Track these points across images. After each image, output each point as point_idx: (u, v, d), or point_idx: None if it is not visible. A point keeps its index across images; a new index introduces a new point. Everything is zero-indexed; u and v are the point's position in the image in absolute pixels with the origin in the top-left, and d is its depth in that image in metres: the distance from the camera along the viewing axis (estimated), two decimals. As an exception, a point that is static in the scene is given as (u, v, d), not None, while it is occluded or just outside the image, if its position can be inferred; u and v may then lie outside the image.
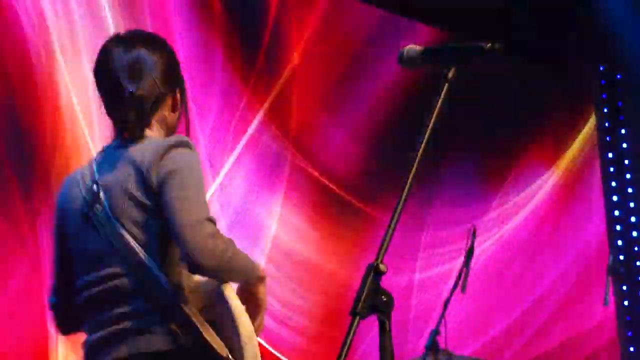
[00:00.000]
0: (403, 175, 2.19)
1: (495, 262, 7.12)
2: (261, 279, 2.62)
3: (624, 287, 7.44)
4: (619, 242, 7.37)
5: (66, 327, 2.78)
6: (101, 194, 2.56)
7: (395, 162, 5.61)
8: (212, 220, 2.49)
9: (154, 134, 2.69)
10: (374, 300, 2.22)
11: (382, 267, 2.19)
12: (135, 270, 2.51)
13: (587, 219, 7.29)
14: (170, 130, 2.74)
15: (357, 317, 2.20)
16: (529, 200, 7.27)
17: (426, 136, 2.20)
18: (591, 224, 7.27)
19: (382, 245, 2.21)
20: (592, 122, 7.51)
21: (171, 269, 2.55)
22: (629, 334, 7.38)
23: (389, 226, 2.20)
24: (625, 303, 7.44)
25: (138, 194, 2.53)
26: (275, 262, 6.50)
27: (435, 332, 4.26)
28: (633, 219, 7.33)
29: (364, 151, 6.66)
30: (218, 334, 2.54)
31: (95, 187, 2.58)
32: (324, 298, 6.36)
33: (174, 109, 2.73)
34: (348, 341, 2.18)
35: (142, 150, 2.59)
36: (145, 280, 2.51)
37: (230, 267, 2.50)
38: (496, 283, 7.08)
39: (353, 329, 2.19)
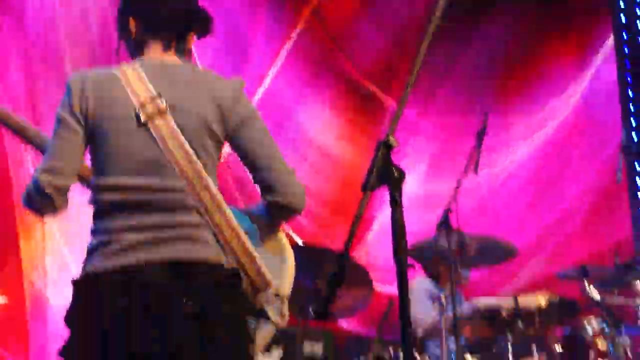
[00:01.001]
0: (431, 75, 2.25)
1: (525, 172, 7.25)
2: None
3: (638, 166, 7.58)
4: (633, 122, 7.34)
5: (51, 208, 2.75)
6: (168, 110, 2.70)
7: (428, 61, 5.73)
8: None
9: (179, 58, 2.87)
10: (385, 175, 2.32)
11: (392, 140, 2.30)
12: (198, 188, 2.69)
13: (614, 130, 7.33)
14: None
15: (368, 191, 2.31)
16: (556, 113, 7.33)
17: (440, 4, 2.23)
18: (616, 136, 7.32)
19: (392, 120, 2.34)
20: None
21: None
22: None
23: (400, 101, 2.33)
24: (639, 181, 7.60)
25: (215, 127, 2.74)
26: (314, 163, 6.70)
27: (448, 211, 4.27)
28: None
29: (399, 50, 6.76)
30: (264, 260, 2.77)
31: (161, 100, 2.70)
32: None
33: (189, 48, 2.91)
34: (359, 214, 2.31)
35: (216, 81, 2.79)
36: (204, 199, 2.69)
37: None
38: (519, 199, 7.22)
39: (364, 202, 2.31)
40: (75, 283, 2.65)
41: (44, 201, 2.69)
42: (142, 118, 2.68)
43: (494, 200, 7.14)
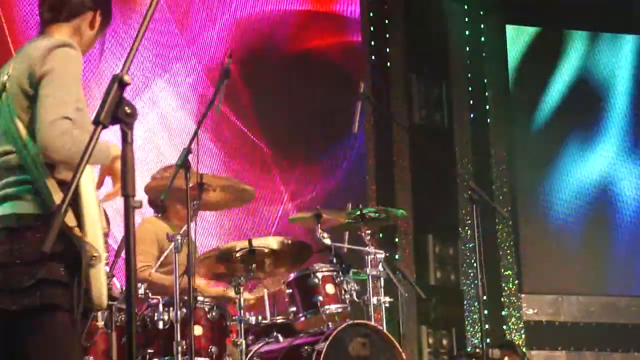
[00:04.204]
0: None
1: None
2: (117, 157, 2.94)
3: (376, 115, 8.00)
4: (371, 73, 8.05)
5: None
6: (7, 85, 2.99)
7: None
8: (68, 118, 2.86)
9: (61, 36, 3.05)
10: (117, 111, 2.28)
11: (126, 78, 2.26)
12: (20, 150, 2.92)
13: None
14: (84, 46, 3.13)
15: (100, 126, 2.27)
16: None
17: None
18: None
19: (128, 56, 2.28)
20: None
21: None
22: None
23: (136, 37, 2.27)
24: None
25: (26, 87, 2.94)
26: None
27: (188, 150, 4.02)
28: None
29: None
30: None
31: (6, 78, 3.00)
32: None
33: (91, 26, 3.14)
34: (90, 148, 2.27)
35: (37, 46, 2.98)
36: (25, 158, 2.91)
37: (76, 160, 2.76)
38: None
39: (95, 136, 2.27)
40: None
41: None
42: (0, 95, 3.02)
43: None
